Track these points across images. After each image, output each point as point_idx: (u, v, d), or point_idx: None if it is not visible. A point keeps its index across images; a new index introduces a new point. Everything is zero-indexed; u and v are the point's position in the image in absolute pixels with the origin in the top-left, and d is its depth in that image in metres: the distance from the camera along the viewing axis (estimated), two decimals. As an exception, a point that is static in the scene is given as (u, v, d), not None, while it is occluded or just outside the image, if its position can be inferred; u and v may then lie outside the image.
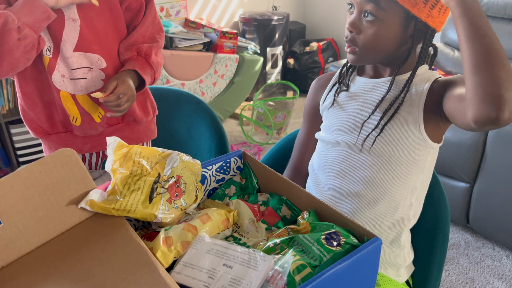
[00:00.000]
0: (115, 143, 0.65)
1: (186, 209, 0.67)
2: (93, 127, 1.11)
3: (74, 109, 1.07)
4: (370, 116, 0.88)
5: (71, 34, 1.01)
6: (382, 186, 0.87)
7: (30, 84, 1.05)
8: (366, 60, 0.89)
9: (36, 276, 0.56)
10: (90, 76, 1.06)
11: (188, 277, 0.54)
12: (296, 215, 0.70)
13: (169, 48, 2.68)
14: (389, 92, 0.87)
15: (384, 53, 0.86)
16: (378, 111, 0.88)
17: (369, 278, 0.59)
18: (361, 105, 0.91)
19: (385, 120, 0.86)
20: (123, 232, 0.59)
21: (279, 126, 2.86)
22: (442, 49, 2.61)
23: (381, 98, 0.87)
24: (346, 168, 0.90)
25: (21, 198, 0.59)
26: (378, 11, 0.80)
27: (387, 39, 0.83)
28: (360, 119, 0.90)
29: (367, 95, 0.92)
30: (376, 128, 0.86)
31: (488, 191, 1.80)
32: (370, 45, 0.84)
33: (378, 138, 0.86)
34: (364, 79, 0.94)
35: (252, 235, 0.67)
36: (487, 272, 1.76)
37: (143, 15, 1.10)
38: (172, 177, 0.66)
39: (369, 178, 0.87)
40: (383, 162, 0.87)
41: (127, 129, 1.18)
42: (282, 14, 3.32)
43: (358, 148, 0.89)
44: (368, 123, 0.88)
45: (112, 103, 1.00)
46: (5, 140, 2.23)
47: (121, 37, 1.09)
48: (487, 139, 1.76)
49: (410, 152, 0.86)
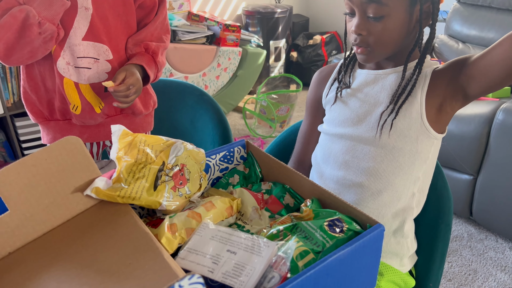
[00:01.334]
0: (119, 131, 0.66)
1: (190, 197, 0.68)
2: (93, 117, 1.12)
3: (76, 97, 1.08)
4: (388, 107, 0.87)
5: (82, 22, 1.02)
6: (386, 177, 0.87)
7: (34, 67, 1.06)
8: (379, 57, 0.88)
9: (42, 262, 0.57)
10: (95, 67, 1.07)
11: (192, 262, 0.54)
12: (299, 203, 0.70)
13: (172, 41, 2.68)
14: (403, 79, 0.87)
15: (396, 45, 0.86)
16: (390, 99, 0.88)
17: (371, 264, 0.60)
18: (363, 98, 0.91)
19: (400, 104, 0.86)
20: (128, 219, 0.60)
21: (282, 119, 2.86)
22: (446, 41, 2.59)
23: (397, 87, 0.87)
24: (350, 159, 0.90)
25: (27, 186, 0.60)
26: (382, 8, 0.80)
27: (396, 31, 0.83)
28: (362, 111, 0.90)
29: (369, 87, 0.92)
30: (392, 112, 0.86)
31: (492, 184, 1.80)
32: (382, 42, 0.84)
33: (382, 130, 0.86)
34: (365, 71, 0.94)
35: (256, 222, 0.68)
36: (490, 264, 1.77)
37: (155, 14, 1.13)
38: (176, 165, 0.67)
39: (373, 169, 0.88)
40: (386, 153, 0.87)
41: (124, 120, 1.19)
42: (285, 7, 3.30)
43: (368, 141, 0.89)
44: (381, 114, 0.88)
45: (121, 93, 1.01)
46: (10, 133, 2.24)
47: (130, 32, 1.11)
48: (490, 131, 1.76)
49: (413, 143, 0.86)
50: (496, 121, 1.73)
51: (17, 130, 2.22)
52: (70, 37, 1.02)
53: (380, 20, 0.81)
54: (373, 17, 0.81)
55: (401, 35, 0.84)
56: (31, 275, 0.55)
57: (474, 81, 0.80)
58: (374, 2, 0.79)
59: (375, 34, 0.83)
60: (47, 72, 1.06)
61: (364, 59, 0.88)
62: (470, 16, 2.50)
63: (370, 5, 0.80)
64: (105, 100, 1.12)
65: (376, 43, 0.84)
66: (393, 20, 0.81)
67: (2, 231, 0.58)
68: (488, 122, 1.76)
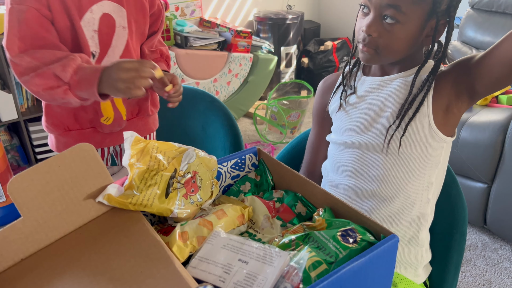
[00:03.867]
0: (132, 137, 0.66)
1: (201, 204, 0.68)
2: (120, 124, 1.16)
3: (110, 110, 1.11)
4: (394, 122, 0.86)
5: (120, 41, 1.05)
6: (397, 183, 0.86)
7: None
8: (382, 62, 0.88)
9: (55, 269, 0.57)
10: None
11: (203, 271, 0.54)
12: (312, 212, 0.69)
13: (184, 47, 2.70)
14: (412, 91, 0.85)
15: (402, 54, 0.85)
16: (396, 110, 0.86)
17: (385, 275, 0.59)
18: (369, 105, 0.91)
19: (407, 121, 0.84)
20: (140, 226, 0.60)
21: (293, 125, 2.85)
22: (460, 47, 2.57)
23: (406, 98, 0.85)
24: (359, 168, 0.89)
25: (41, 192, 0.60)
26: (399, 15, 0.79)
27: (406, 40, 0.82)
28: (368, 118, 0.90)
29: (374, 94, 0.91)
30: (398, 128, 0.85)
31: (506, 192, 1.76)
32: (390, 48, 0.83)
33: (390, 145, 0.86)
34: (370, 79, 0.93)
35: (267, 231, 0.67)
36: (504, 274, 1.73)
37: (160, 22, 1.17)
38: (188, 172, 0.67)
39: (383, 176, 0.87)
40: (395, 159, 0.86)
41: (140, 122, 1.23)
42: (297, 13, 3.31)
43: (377, 148, 0.88)
44: (387, 123, 0.87)
45: (176, 94, 1.06)
46: (24, 138, 2.27)
47: (143, 40, 1.15)
48: (505, 139, 1.73)
49: (422, 147, 0.85)
50: (511, 128, 1.70)
51: (30, 134, 2.25)
52: (108, 55, 1.05)
53: (393, 25, 0.80)
54: (388, 21, 0.80)
55: (410, 45, 0.83)
56: (43, 282, 0.55)
57: (479, 79, 0.80)
58: (393, 7, 0.79)
59: (385, 39, 0.82)
60: None
61: (367, 59, 0.87)
62: (484, 22, 2.48)
63: (388, 9, 0.79)
64: (126, 106, 1.16)
65: (383, 47, 0.83)
66: (406, 29, 0.81)
67: (15, 238, 0.59)
68: (503, 129, 1.74)
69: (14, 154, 2.35)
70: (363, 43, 0.85)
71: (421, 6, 0.79)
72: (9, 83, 2.11)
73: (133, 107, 1.18)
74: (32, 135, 2.25)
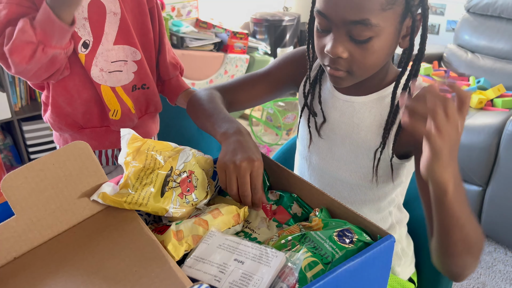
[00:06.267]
0: (129, 135, 0.65)
1: (197, 204, 0.67)
2: (131, 119, 1.14)
3: (115, 101, 1.10)
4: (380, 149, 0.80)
5: (112, 27, 1.04)
6: (356, 208, 0.87)
7: (68, 81, 1.06)
8: (357, 81, 0.76)
9: (48, 268, 0.56)
10: (125, 69, 1.09)
11: (199, 271, 0.53)
12: (307, 213, 0.69)
13: (180, 48, 2.69)
14: (392, 110, 0.77)
15: (380, 66, 0.75)
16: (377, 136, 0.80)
17: (381, 276, 0.59)
18: (345, 136, 0.84)
19: (394, 140, 0.78)
20: (135, 225, 0.59)
21: (289, 127, 2.85)
22: (455, 51, 2.59)
23: (386, 121, 0.78)
24: (330, 191, 0.89)
25: (35, 190, 0.59)
26: (370, 29, 0.66)
27: (383, 51, 0.71)
28: (351, 157, 0.84)
29: (346, 118, 0.83)
30: (384, 149, 0.79)
31: (501, 195, 1.77)
32: (366, 65, 0.71)
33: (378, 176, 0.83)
34: (339, 97, 0.83)
35: (263, 231, 0.67)
36: (498, 277, 1.74)
37: (157, 19, 1.15)
38: (184, 171, 0.66)
39: (353, 199, 0.87)
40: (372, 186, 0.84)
41: (150, 119, 1.23)
42: (293, 15, 3.31)
43: (361, 185, 0.85)
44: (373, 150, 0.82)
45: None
46: (17, 137, 2.25)
47: (144, 33, 1.13)
48: (500, 142, 1.74)
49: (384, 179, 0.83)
50: (506, 131, 1.71)
51: (24, 134, 2.23)
52: (102, 43, 1.03)
53: (366, 42, 0.68)
54: (358, 40, 0.68)
55: (388, 54, 0.73)
56: (36, 280, 0.54)
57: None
58: (360, 24, 0.66)
59: (359, 57, 0.70)
60: (82, 83, 1.06)
61: (339, 83, 0.75)
62: (480, 26, 2.49)
63: (355, 26, 0.66)
64: (133, 100, 1.15)
65: (359, 67, 0.71)
66: (381, 40, 0.69)
67: (8, 236, 0.58)
68: (497, 132, 1.75)
69: (7, 153, 2.33)
70: (331, 66, 0.72)
71: (393, 9, 0.67)
72: (3, 82, 2.09)
73: (141, 103, 1.17)
74: (26, 135, 2.23)
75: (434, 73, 2.45)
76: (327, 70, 0.74)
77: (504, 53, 2.37)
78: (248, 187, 0.67)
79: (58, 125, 1.11)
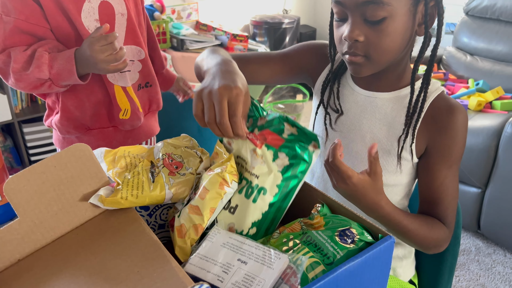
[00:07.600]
0: (101, 153, 0.68)
1: (195, 171, 0.67)
2: (138, 117, 1.16)
3: (125, 101, 1.12)
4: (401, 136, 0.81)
5: (121, 28, 1.06)
6: None
7: (79, 84, 1.05)
8: (377, 68, 0.76)
9: (51, 269, 0.56)
10: (132, 68, 1.12)
11: (202, 270, 0.54)
12: (304, 135, 0.62)
13: (180, 50, 2.70)
14: (411, 102, 0.79)
15: (398, 52, 0.75)
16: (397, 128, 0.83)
17: (381, 276, 0.59)
18: (364, 135, 0.84)
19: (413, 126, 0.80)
20: (136, 226, 0.60)
21: (289, 129, 2.85)
22: (454, 53, 2.59)
23: (412, 118, 0.79)
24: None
25: (37, 192, 0.60)
26: (383, 9, 0.69)
27: (399, 34, 0.72)
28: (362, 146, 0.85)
29: (367, 114, 0.83)
30: (407, 137, 0.81)
31: (500, 197, 1.78)
32: (383, 48, 0.72)
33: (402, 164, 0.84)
34: (362, 94, 0.84)
35: (261, 171, 0.62)
36: (498, 279, 1.74)
37: (142, 12, 1.17)
38: (163, 155, 0.68)
39: None
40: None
41: (152, 117, 1.26)
42: (293, 17, 3.32)
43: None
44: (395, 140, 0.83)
45: None
46: (17, 139, 2.26)
47: (142, 31, 1.15)
48: (499, 144, 1.74)
49: (397, 176, 0.84)
50: (505, 133, 1.72)
51: (24, 136, 2.24)
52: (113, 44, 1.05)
53: (380, 23, 0.70)
54: (372, 21, 0.70)
55: (404, 39, 0.73)
56: (40, 282, 0.55)
57: None
58: (373, 3, 0.68)
59: (375, 39, 0.71)
60: (92, 86, 1.07)
61: (359, 71, 0.76)
62: (478, 28, 2.50)
63: (368, 7, 0.69)
64: (139, 99, 1.17)
65: (375, 50, 0.72)
66: (396, 21, 0.70)
67: (11, 238, 0.58)
68: (496, 134, 1.75)
69: (8, 155, 2.33)
70: (349, 52, 0.74)
71: None
72: (3, 84, 2.10)
73: (145, 101, 1.18)
74: (26, 137, 2.24)
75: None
76: (346, 59, 0.76)
77: (502, 55, 2.38)
78: (224, 113, 0.59)
79: (67, 128, 1.12)
